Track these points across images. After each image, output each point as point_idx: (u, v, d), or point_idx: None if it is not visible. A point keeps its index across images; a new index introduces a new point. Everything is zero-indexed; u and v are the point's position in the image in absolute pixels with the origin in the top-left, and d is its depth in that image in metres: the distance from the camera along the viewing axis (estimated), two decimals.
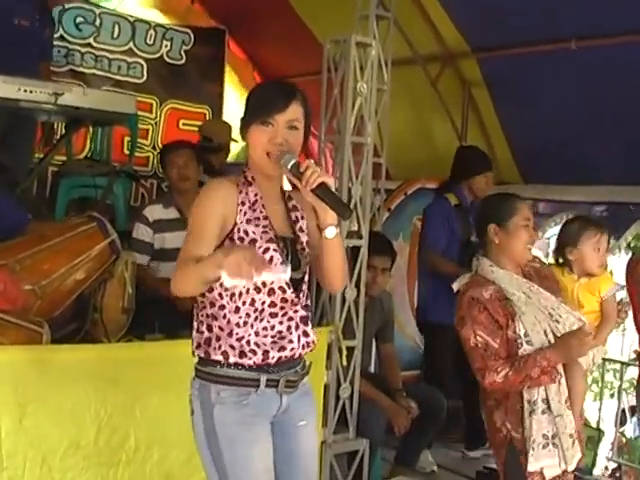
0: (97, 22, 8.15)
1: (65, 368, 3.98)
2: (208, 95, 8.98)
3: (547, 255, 6.95)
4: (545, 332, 3.81)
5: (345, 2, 6.11)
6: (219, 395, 3.03)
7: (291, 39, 8.58)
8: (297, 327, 3.12)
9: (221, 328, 3.03)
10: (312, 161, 2.95)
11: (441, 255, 6.26)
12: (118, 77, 8.36)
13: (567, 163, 6.86)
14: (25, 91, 5.19)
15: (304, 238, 3.19)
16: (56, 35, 7.70)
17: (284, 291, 3.06)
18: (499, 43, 6.86)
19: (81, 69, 8.09)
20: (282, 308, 3.07)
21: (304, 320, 3.15)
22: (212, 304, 3.06)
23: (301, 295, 3.14)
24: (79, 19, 7.99)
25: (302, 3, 8.18)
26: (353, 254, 5.31)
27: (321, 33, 7.92)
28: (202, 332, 3.09)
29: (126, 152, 7.65)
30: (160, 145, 8.39)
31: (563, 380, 3.87)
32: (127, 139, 7.62)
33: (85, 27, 8.07)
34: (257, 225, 3.03)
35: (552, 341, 3.80)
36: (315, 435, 3.35)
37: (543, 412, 3.81)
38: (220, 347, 3.02)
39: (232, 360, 3.01)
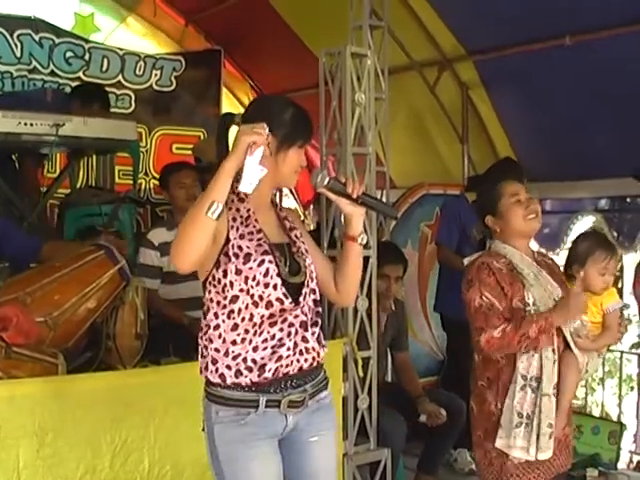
0: (86, 56, 8.19)
1: (81, 397, 3.99)
2: (203, 117, 8.96)
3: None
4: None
5: (339, 14, 6.12)
6: (218, 415, 3.06)
7: (287, 54, 8.61)
8: (296, 333, 3.09)
9: (217, 350, 3.05)
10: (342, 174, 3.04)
11: (453, 251, 6.31)
12: None
13: (569, 159, 6.87)
14: (26, 124, 5.22)
15: (301, 244, 3.22)
16: (47, 70, 7.78)
17: (282, 302, 3.06)
18: (494, 44, 6.87)
19: None
20: (281, 316, 3.06)
21: (304, 325, 3.11)
22: (208, 326, 3.08)
23: (302, 299, 3.12)
24: (69, 54, 8.02)
25: (296, 18, 8.21)
26: (362, 265, 5.31)
27: (316, 47, 7.91)
28: (204, 356, 3.11)
29: (118, 181, 7.72)
30: (152, 172, 8.50)
31: (556, 365, 3.86)
32: (118, 168, 7.71)
33: (75, 61, 8.10)
34: (251, 239, 3.06)
35: None
36: (331, 451, 3.32)
37: (533, 391, 3.80)
38: (217, 370, 3.04)
39: (229, 381, 3.02)
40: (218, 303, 3.04)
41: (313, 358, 3.14)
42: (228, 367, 3.01)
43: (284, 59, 8.84)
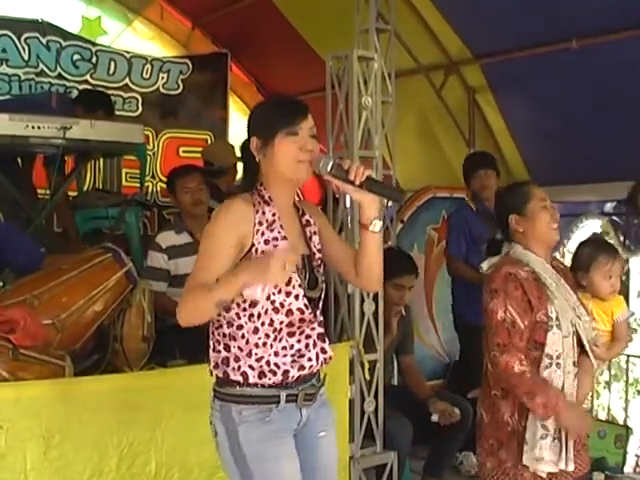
0: (93, 59, 8.21)
1: (88, 399, 4.00)
2: (210, 120, 8.99)
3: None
4: (571, 321, 3.80)
5: (345, 18, 6.11)
6: (241, 414, 3.02)
7: (294, 58, 8.63)
8: (315, 344, 3.12)
9: (240, 348, 3.03)
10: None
11: (463, 261, 6.31)
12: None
13: (576, 162, 6.87)
14: (33, 127, 5.23)
15: (318, 255, 3.19)
16: (54, 73, 7.79)
17: (302, 312, 3.06)
18: (501, 47, 6.89)
19: None
20: (299, 327, 3.07)
21: (321, 337, 3.16)
22: (230, 324, 3.05)
23: (318, 313, 3.15)
24: (76, 57, 8.04)
25: (303, 22, 8.22)
26: None
27: (323, 50, 7.91)
28: (219, 351, 3.08)
29: (125, 184, 7.76)
30: (160, 174, 8.52)
31: (575, 381, 3.84)
32: (126, 171, 7.76)
33: (82, 64, 8.11)
34: (276, 246, 3.00)
35: (575, 332, 3.80)
36: (335, 445, 3.34)
37: None
38: (240, 368, 3.02)
39: (252, 380, 3.01)
40: (238, 305, 3.02)
41: (327, 364, 3.21)
42: (251, 367, 3.02)
43: (290, 62, 8.85)
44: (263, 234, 3.01)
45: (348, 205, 5.45)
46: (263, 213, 3.04)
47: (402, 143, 6.73)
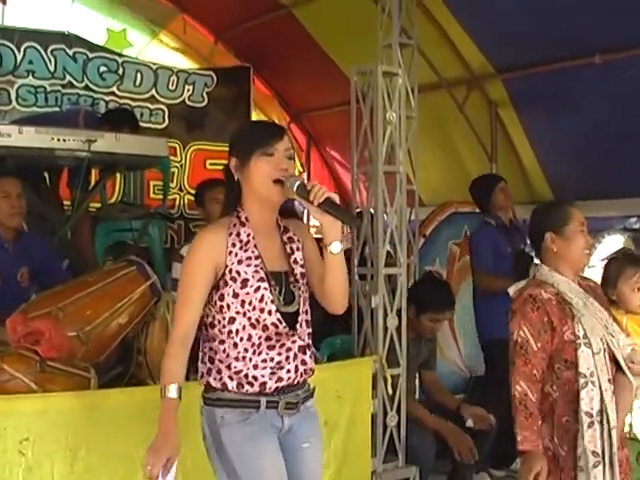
0: (120, 71, 8.26)
1: (113, 412, 4.01)
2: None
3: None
4: (602, 339, 3.77)
5: (367, 32, 6.14)
6: (223, 418, 3.15)
7: (315, 72, 8.66)
8: (295, 357, 3.22)
9: (221, 361, 3.17)
10: (316, 181, 3.12)
11: (492, 274, 6.34)
12: (141, 123, 8.42)
13: (598, 178, 6.86)
14: (59, 140, 5.27)
15: (298, 270, 3.29)
16: (81, 85, 7.83)
17: (276, 326, 3.16)
18: (523, 62, 6.90)
19: None
20: (278, 340, 3.18)
21: (302, 349, 3.25)
22: (213, 339, 3.20)
23: (298, 326, 3.23)
24: (102, 68, 8.09)
25: (325, 36, 8.26)
26: (391, 282, 5.36)
27: (345, 64, 7.97)
28: (205, 363, 3.23)
29: (153, 196, 7.78)
30: (187, 187, 8.55)
31: (614, 398, 3.81)
32: (153, 183, 7.75)
33: (109, 76, 8.16)
34: (249, 265, 3.15)
35: (607, 349, 3.77)
36: (319, 458, 3.42)
37: (601, 425, 3.72)
38: (221, 379, 3.16)
39: (230, 389, 3.15)
40: (219, 322, 3.18)
41: (309, 375, 3.32)
42: (230, 378, 3.15)
43: (312, 76, 8.89)
44: (237, 255, 3.16)
45: None
46: (238, 234, 3.19)
47: (424, 158, 6.74)
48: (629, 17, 5.82)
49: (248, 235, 3.19)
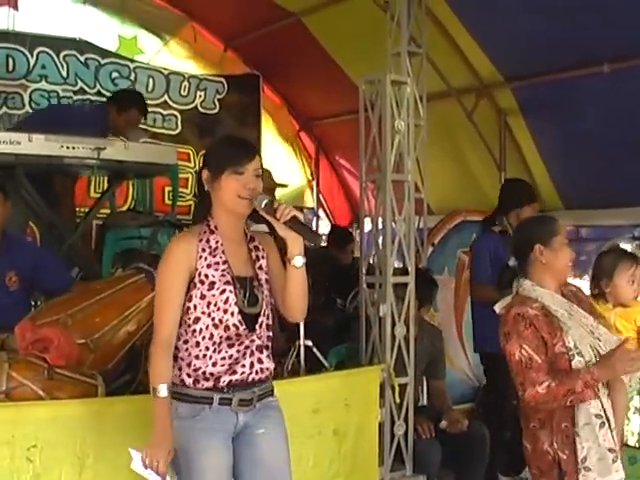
0: (132, 76, 8.32)
1: (121, 419, 4.02)
2: None
3: None
4: (591, 346, 3.81)
5: (376, 41, 6.15)
6: (177, 410, 3.36)
7: (325, 80, 8.68)
8: (252, 354, 3.43)
9: (182, 359, 3.40)
10: (282, 200, 3.28)
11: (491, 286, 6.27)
12: (154, 129, 8.51)
13: (606, 186, 6.85)
14: (68, 148, 5.29)
15: (263, 276, 3.52)
16: (93, 90, 7.86)
17: (237, 327, 3.37)
18: (532, 71, 6.89)
19: None
20: (238, 339, 3.40)
21: (260, 349, 3.46)
22: (178, 338, 3.40)
23: (258, 327, 3.45)
24: (115, 74, 8.15)
25: (334, 44, 8.27)
26: (399, 292, 5.37)
27: (354, 73, 7.99)
28: (172, 360, 3.41)
29: (167, 202, 7.78)
30: None
31: (609, 401, 3.84)
32: (168, 189, 7.76)
33: (121, 82, 8.24)
34: (216, 269, 3.38)
35: (596, 357, 3.80)
36: (283, 444, 3.54)
37: (602, 426, 3.77)
38: (180, 375, 3.38)
39: (187, 384, 3.37)
40: (184, 322, 3.38)
41: (266, 377, 3.51)
42: (188, 375, 3.37)
43: (321, 84, 8.91)
44: (206, 259, 3.39)
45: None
46: (207, 241, 3.43)
47: (433, 166, 6.74)
48: (638, 27, 5.81)
49: (217, 242, 3.42)
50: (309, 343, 5.45)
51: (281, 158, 9.79)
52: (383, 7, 6.40)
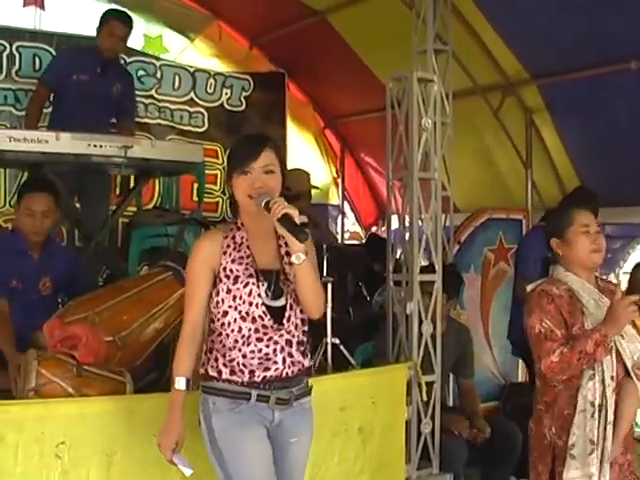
0: (158, 74, 8.34)
1: (149, 416, 4.00)
2: None
3: None
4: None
5: (402, 38, 6.15)
6: (215, 405, 3.44)
7: (350, 78, 8.66)
8: (282, 350, 3.46)
9: (217, 350, 3.47)
10: (282, 198, 3.39)
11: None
12: (181, 126, 8.53)
13: (633, 184, 6.81)
14: (95, 146, 5.30)
15: (290, 270, 3.51)
16: None
17: (262, 319, 3.43)
18: (558, 68, 6.86)
19: (145, 120, 8.25)
20: (265, 333, 3.44)
21: (290, 344, 3.48)
22: (213, 332, 3.51)
23: (285, 321, 3.48)
24: (141, 72, 8.15)
25: (359, 42, 8.26)
26: (426, 289, 5.36)
27: (379, 70, 7.99)
28: (206, 353, 3.53)
29: (195, 199, 7.81)
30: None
31: (614, 394, 3.85)
32: (196, 185, 7.79)
33: (147, 79, 8.24)
34: (240, 263, 3.46)
35: (614, 347, 3.82)
36: (305, 454, 3.62)
37: (599, 418, 3.79)
38: (217, 366, 3.45)
39: (224, 377, 3.43)
40: (215, 316, 3.49)
41: (299, 370, 3.52)
42: (225, 365, 3.44)
43: (347, 82, 8.90)
44: (230, 255, 3.48)
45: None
46: (233, 237, 3.53)
47: (459, 164, 6.73)
48: None
49: (242, 238, 3.52)
50: (336, 341, 5.46)
51: (306, 155, 9.78)
52: (408, 4, 6.40)
